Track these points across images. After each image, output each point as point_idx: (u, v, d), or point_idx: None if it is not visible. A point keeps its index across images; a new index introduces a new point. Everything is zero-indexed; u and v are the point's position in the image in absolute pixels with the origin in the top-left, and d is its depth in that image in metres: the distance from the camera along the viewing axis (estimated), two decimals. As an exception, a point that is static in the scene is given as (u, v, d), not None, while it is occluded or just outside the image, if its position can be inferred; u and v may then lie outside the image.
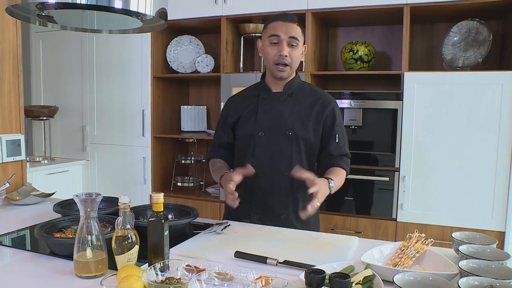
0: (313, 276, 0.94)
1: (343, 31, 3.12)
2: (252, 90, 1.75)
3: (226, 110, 1.76)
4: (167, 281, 0.98)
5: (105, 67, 3.33)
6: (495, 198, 2.37)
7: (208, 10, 2.96)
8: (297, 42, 1.57)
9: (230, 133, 1.73)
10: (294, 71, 1.65)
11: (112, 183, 3.38)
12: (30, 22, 1.39)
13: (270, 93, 1.66)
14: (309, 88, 1.72)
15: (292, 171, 1.50)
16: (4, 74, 2.11)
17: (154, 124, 3.23)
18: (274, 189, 1.63)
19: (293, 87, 1.66)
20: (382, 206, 2.62)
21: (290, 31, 1.55)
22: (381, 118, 2.63)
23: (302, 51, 1.64)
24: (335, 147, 1.65)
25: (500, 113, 2.34)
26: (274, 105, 1.64)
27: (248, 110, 1.67)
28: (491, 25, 2.62)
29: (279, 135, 1.61)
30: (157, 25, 1.43)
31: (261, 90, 1.69)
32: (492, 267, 1.06)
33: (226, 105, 1.79)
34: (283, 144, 1.61)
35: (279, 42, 1.56)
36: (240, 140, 1.70)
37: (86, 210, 1.12)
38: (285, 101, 1.64)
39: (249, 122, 1.65)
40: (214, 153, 1.80)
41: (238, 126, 1.69)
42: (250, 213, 1.66)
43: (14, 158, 2.16)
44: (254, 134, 1.63)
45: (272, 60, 1.58)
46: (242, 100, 1.74)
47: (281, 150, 1.62)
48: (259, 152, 1.62)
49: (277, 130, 1.62)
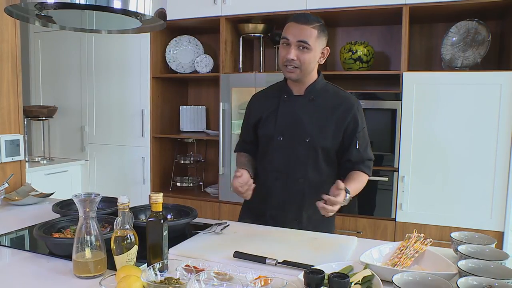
0: (312, 276, 0.94)
1: (342, 31, 3.12)
2: (274, 90, 1.72)
3: (249, 109, 1.77)
4: (166, 281, 0.98)
5: (104, 67, 3.33)
6: (494, 198, 2.38)
7: (207, 10, 2.96)
8: (308, 46, 1.52)
9: (252, 132, 1.74)
10: (307, 74, 1.59)
11: (111, 183, 3.38)
12: (29, 22, 1.39)
13: (292, 96, 1.64)
14: (332, 91, 1.67)
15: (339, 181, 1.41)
16: (3, 74, 2.11)
17: (153, 124, 3.23)
18: (289, 193, 1.63)
19: (315, 91, 1.63)
20: (381, 206, 2.62)
21: (300, 34, 1.52)
22: (380, 118, 2.63)
23: (321, 54, 1.60)
24: (356, 153, 1.62)
25: (499, 113, 2.34)
26: (294, 109, 1.62)
27: (269, 111, 1.66)
28: (490, 25, 2.62)
29: (297, 141, 1.60)
30: (156, 25, 1.43)
31: (283, 91, 1.66)
32: (491, 267, 1.06)
33: (249, 103, 1.79)
34: (300, 151, 1.60)
35: (289, 44, 1.54)
36: (261, 140, 1.71)
37: (85, 210, 1.12)
38: (306, 106, 1.61)
39: (269, 124, 1.64)
40: (240, 147, 1.81)
41: (259, 126, 1.69)
42: (265, 212, 1.66)
43: (13, 158, 2.16)
44: (273, 137, 1.62)
45: (282, 61, 1.57)
46: (264, 99, 1.73)
47: (298, 157, 1.60)
48: (277, 156, 1.62)
49: (296, 135, 1.60)
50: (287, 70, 1.56)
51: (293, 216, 1.64)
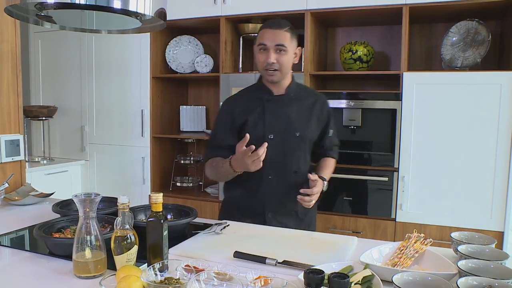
0: (312, 276, 0.94)
1: (342, 31, 3.12)
2: (253, 93, 1.79)
3: (230, 112, 1.76)
4: (166, 281, 0.98)
5: (104, 67, 3.33)
6: (494, 198, 2.38)
7: (207, 10, 2.96)
8: (284, 48, 1.64)
9: (233, 136, 1.74)
10: (286, 75, 1.72)
11: (111, 183, 3.38)
12: (29, 22, 1.39)
13: (273, 96, 1.74)
14: (305, 89, 1.87)
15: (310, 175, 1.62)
16: (3, 74, 2.11)
17: (153, 124, 3.23)
18: (286, 187, 1.73)
19: (294, 90, 1.76)
20: (381, 206, 2.62)
21: (276, 38, 1.63)
22: (380, 118, 2.63)
23: (294, 55, 1.71)
24: (329, 140, 1.85)
25: (499, 113, 2.34)
26: (280, 108, 1.73)
27: (256, 113, 1.72)
28: (490, 25, 2.62)
29: (288, 136, 1.72)
30: (156, 25, 1.43)
31: (264, 93, 1.75)
32: (491, 267, 1.06)
33: (227, 107, 1.79)
34: (293, 145, 1.73)
35: (267, 49, 1.65)
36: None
37: (85, 210, 1.12)
38: (289, 104, 1.74)
39: (258, 125, 1.71)
40: (214, 153, 1.79)
41: (246, 129, 1.71)
42: (264, 210, 1.73)
43: (13, 158, 2.16)
44: (265, 136, 1.69)
45: (262, 66, 1.68)
46: (245, 102, 1.76)
47: (292, 151, 1.73)
48: (271, 154, 1.65)
49: (286, 132, 1.72)
50: (268, 74, 1.68)
51: (291, 208, 1.75)
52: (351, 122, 2.67)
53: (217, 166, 1.72)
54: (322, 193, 1.67)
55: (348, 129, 2.70)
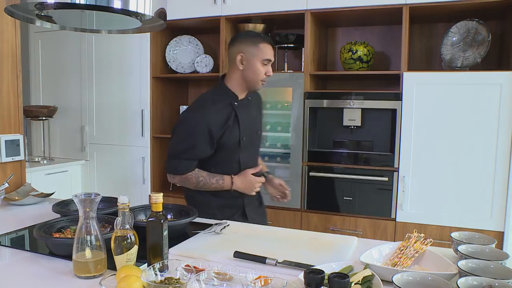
0: (312, 276, 0.94)
1: (342, 31, 3.12)
2: (222, 99, 1.79)
3: (206, 125, 1.71)
4: (166, 281, 0.98)
5: (104, 67, 3.33)
6: (494, 198, 2.38)
7: (207, 10, 2.96)
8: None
9: (211, 147, 1.75)
10: None
11: (111, 183, 3.38)
12: (29, 22, 1.39)
13: (239, 100, 1.83)
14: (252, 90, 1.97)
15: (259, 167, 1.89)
16: (3, 74, 2.11)
17: (153, 124, 3.23)
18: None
19: (250, 93, 1.88)
20: (381, 206, 2.63)
21: (273, 54, 1.81)
22: (380, 118, 2.63)
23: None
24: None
25: (499, 113, 2.34)
26: (247, 111, 1.86)
27: (231, 120, 1.78)
28: (490, 25, 2.62)
29: (254, 136, 1.90)
30: (156, 25, 1.43)
31: (231, 98, 1.82)
32: (491, 267, 1.06)
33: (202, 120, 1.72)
34: (257, 143, 1.96)
35: (268, 63, 1.80)
36: (224, 149, 1.78)
37: (85, 210, 1.11)
38: (250, 106, 1.89)
39: (234, 131, 1.79)
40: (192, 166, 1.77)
41: (224, 137, 1.75)
42: (243, 203, 1.88)
43: (13, 158, 2.16)
44: (239, 141, 1.81)
45: (261, 77, 1.80)
46: (218, 112, 1.75)
47: (256, 149, 1.97)
48: (244, 155, 1.84)
49: (252, 132, 1.89)
50: (262, 84, 1.82)
51: (260, 200, 1.99)
52: (351, 122, 2.67)
53: (209, 182, 1.77)
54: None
55: (348, 129, 2.70)
